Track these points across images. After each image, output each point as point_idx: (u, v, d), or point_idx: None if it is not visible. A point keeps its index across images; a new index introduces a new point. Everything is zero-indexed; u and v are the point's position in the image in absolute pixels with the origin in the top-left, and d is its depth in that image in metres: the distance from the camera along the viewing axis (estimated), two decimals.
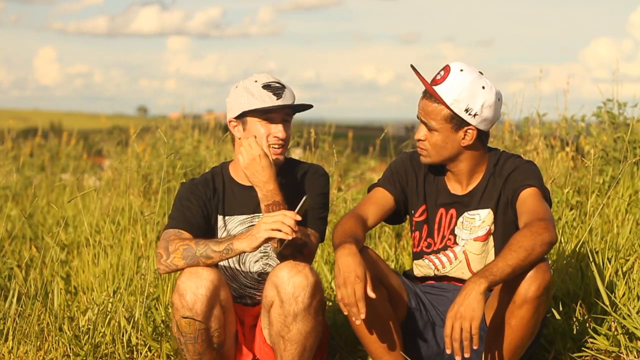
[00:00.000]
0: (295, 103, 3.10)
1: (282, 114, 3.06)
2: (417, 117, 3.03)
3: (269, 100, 3.03)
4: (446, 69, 2.97)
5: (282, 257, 2.97)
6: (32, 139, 9.95)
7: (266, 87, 3.05)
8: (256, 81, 3.06)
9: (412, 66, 3.02)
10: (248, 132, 3.06)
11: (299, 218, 2.81)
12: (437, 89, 2.94)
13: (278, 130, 3.05)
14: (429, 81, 2.98)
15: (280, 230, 2.80)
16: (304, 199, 2.88)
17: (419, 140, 3.02)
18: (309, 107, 3.12)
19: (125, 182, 5.98)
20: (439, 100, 2.94)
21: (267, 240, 2.84)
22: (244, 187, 3.14)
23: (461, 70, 2.96)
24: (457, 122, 2.96)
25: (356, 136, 8.89)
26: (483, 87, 2.96)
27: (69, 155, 9.56)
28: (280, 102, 3.03)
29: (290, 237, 2.80)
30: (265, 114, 3.04)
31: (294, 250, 2.96)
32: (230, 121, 3.11)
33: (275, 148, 3.05)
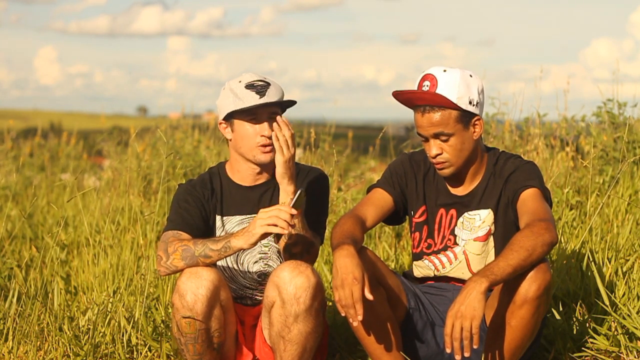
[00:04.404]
0: (284, 99, 3.08)
1: (267, 112, 3.04)
2: (421, 135, 2.99)
3: (251, 99, 3.02)
4: (429, 77, 2.95)
5: (290, 255, 2.97)
6: (32, 139, 9.95)
7: (249, 86, 3.03)
8: (240, 81, 3.05)
9: (394, 93, 3.00)
10: (237, 134, 3.06)
11: (294, 212, 2.81)
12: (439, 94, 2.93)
13: (264, 128, 3.03)
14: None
15: (276, 225, 2.80)
16: (299, 192, 2.87)
17: (436, 155, 2.98)
18: (293, 103, 3.11)
19: (125, 182, 5.97)
20: (446, 105, 2.92)
21: (264, 236, 2.84)
22: (241, 187, 3.14)
23: (444, 70, 2.96)
24: (466, 119, 2.96)
25: (356, 136, 8.88)
26: (470, 76, 2.97)
27: (69, 155, 9.56)
28: (263, 100, 3.02)
29: (286, 232, 2.80)
30: (249, 114, 3.03)
31: (303, 248, 2.97)
32: (220, 123, 3.11)
33: (263, 147, 3.04)
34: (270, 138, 3.02)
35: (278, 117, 2.98)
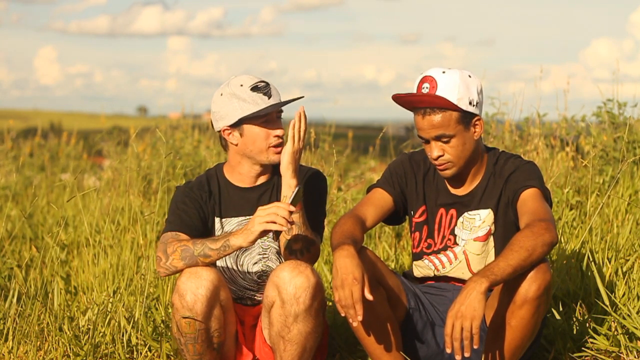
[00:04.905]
0: (284, 98, 3.08)
1: (275, 112, 3.06)
2: (422, 138, 2.98)
3: (261, 102, 3.02)
4: (428, 79, 2.95)
5: (290, 251, 2.97)
6: (32, 139, 9.95)
7: (254, 89, 3.03)
8: (242, 85, 3.04)
9: (394, 97, 2.99)
10: (247, 138, 3.05)
11: (292, 209, 2.81)
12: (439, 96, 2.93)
13: (277, 129, 3.05)
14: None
15: (274, 222, 2.79)
16: (296, 189, 2.87)
17: (438, 157, 2.97)
18: (301, 98, 3.12)
19: (125, 182, 5.97)
20: (447, 106, 2.91)
21: (263, 233, 2.83)
22: (240, 189, 3.13)
23: (443, 72, 2.95)
24: (466, 119, 2.96)
25: (356, 136, 8.88)
26: (469, 76, 2.97)
27: (69, 155, 9.55)
28: (272, 101, 3.03)
29: (285, 229, 2.80)
30: (261, 117, 3.03)
31: (303, 245, 2.96)
32: (224, 130, 3.09)
33: (276, 148, 3.05)
34: (282, 137, 3.03)
35: (301, 108, 3.01)
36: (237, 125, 3.05)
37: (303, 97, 3.12)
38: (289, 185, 2.99)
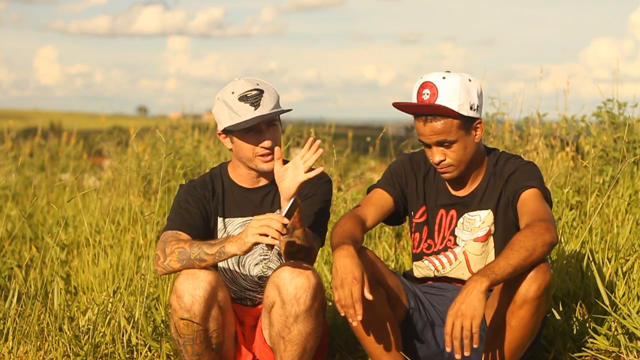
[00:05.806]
0: (273, 109, 3.00)
1: (265, 122, 3.00)
2: (423, 142, 2.98)
3: (247, 112, 2.97)
4: (428, 85, 2.93)
5: (289, 253, 2.96)
6: (32, 139, 9.94)
7: (242, 98, 2.98)
8: (233, 92, 3.00)
9: (394, 104, 2.99)
10: (236, 145, 3.04)
11: (286, 221, 2.78)
12: (440, 103, 2.92)
13: (263, 139, 3.00)
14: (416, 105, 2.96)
15: (267, 235, 2.76)
16: (292, 201, 2.84)
17: (440, 162, 2.97)
18: (288, 110, 3.06)
19: (125, 182, 5.97)
20: (448, 113, 2.91)
21: (256, 244, 2.82)
22: (244, 189, 3.13)
23: (443, 77, 2.94)
24: (468, 124, 2.95)
25: (356, 136, 8.88)
26: (470, 80, 2.96)
27: (69, 155, 9.55)
28: (258, 113, 2.97)
29: (277, 242, 2.77)
30: (247, 128, 2.99)
31: (305, 254, 2.94)
32: (219, 134, 3.09)
33: (263, 157, 3.01)
34: (269, 148, 3.01)
35: (310, 140, 2.92)
36: (227, 132, 3.05)
37: (291, 110, 3.07)
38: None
